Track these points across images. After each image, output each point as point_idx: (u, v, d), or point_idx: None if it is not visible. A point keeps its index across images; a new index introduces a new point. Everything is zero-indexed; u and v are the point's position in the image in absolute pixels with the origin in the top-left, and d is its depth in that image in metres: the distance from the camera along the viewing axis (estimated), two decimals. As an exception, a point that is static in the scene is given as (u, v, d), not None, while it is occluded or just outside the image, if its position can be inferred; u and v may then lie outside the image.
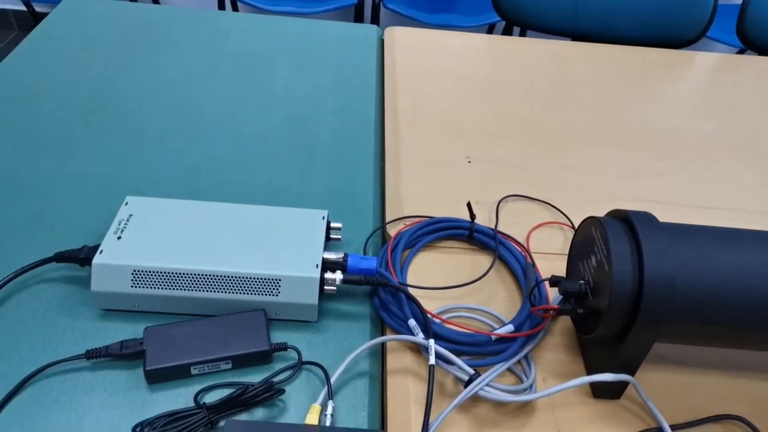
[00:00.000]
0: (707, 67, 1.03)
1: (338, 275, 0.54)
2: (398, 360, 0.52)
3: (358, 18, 2.01)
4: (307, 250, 0.55)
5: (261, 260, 0.54)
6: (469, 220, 0.63)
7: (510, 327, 0.52)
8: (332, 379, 0.49)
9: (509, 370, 0.51)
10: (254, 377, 0.50)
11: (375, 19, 2.05)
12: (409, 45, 1.00)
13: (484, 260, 0.63)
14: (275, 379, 0.50)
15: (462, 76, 0.93)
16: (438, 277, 0.60)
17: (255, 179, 0.69)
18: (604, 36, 1.24)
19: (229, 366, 0.50)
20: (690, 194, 0.74)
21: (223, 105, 0.81)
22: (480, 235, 0.63)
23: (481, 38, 1.05)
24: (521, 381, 0.51)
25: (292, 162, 0.72)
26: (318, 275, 0.53)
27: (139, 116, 0.77)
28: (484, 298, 0.59)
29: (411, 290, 0.58)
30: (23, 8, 2.24)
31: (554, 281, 0.51)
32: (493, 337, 0.51)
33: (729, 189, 0.75)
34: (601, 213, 0.69)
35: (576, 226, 0.66)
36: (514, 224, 0.67)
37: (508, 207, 0.69)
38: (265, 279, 0.53)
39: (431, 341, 0.49)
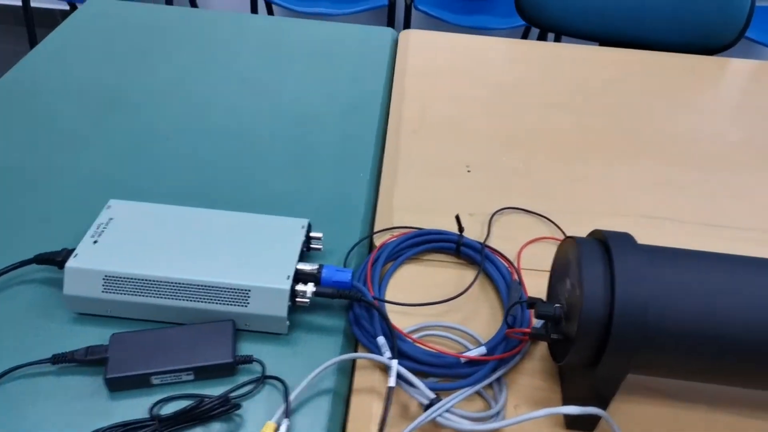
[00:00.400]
0: (740, 74, 0.97)
1: (310, 287, 0.53)
2: (366, 379, 0.51)
3: (390, 20, 1.99)
4: (281, 261, 0.54)
5: (232, 269, 0.53)
6: (457, 233, 0.61)
7: (482, 349, 0.50)
8: (292, 396, 0.47)
9: (479, 394, 0.49)
10: (216, 390, 0.49)
11: (407, 21, 2.03)
12: (424, 48, 0.98)
13: (469, 275, 0.60)
14: (236, 393, 0.49)
15: (476, 81, 0.90)
16: (420, 291, 0.58)
17: (252, 182, 0.69)
18: (635, 41, 1.19)
19: (191, 377, 0.49)
20: (704, 211, 0.69)
21: (233, 107, 0.80)
22: (467, 249, 0.61)
23: (502, 42, 1.02)
24: (490, 407, 0.48)
25: (290, 166, 0.71)
26: (288, 287, 0.52)
27: (149, 117, 0.78)
28: (465, 316, 0.56)
29: (387, 306, 0.56)
30: (67, 8, 2.32)
31: (530, 303, 0.48)
32: (462, 360, 0.49)
33: (749, 206, 0.71)
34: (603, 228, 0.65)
35: (571, 243, 0.62)
36: (507, 239, 0.64)
37: (503, 220, 0.67)
38: (233, 289, 0.52)
39: (394, 361, 0.47)
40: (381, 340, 0.50)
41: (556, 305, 0.47)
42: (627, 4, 1.17)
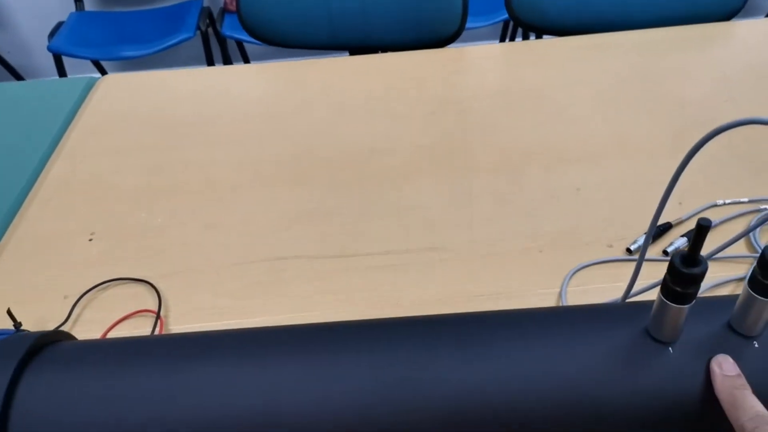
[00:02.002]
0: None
1: None
2: None
3: (208, 54, 1.88)
4: None
5: None
6: (13, 328, 0.52)
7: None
8: None
9: None
10: None
11: (224, 53, 1.93)
12: (117, 94, 0.88)
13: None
14: None
15: (157, 123, 0.81)
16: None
17: None
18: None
19: None
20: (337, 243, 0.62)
21: None
22: (25, 346, 0.51)
23: (194, 73, 0.93)
24: None
25: None
26: None
27: None
28: None
29: None
30: None
31: None
32: None
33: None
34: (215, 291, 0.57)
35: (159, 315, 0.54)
36: (94, 321, 0.55)
37: (104, 296, 0.58)
38: None
39: None
40: None
41: None
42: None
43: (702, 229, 0.27)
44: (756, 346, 0.31)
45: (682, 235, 0.59)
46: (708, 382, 0.31)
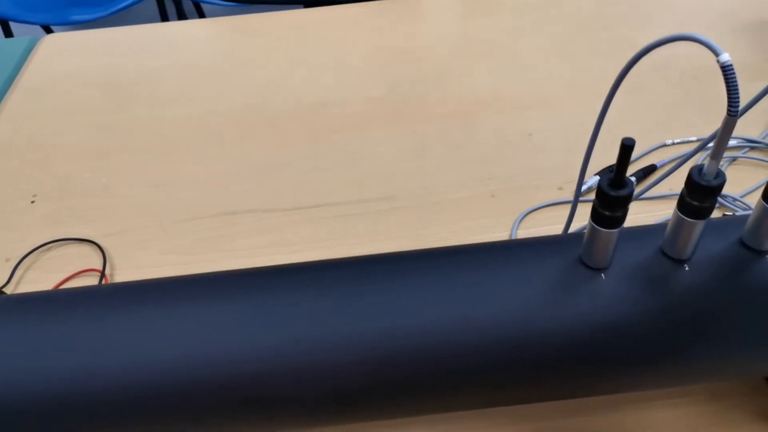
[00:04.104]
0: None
1: None
2: None
3: (162, 11, 1.82)
4: None
5: None
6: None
7: None
8: None
9: None
10: None
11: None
12: (65, 54, 0.85)
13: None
14: None
15: (102, 82, 0.78)
16: None
17: None
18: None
19: None
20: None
21: None
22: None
23: (139, 29, 0.90)
24: None
25: None
26: None
27: None
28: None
29: None
30: None
31: None
32: None
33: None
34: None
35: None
36: (38, 282, 0.54)
37: (47, 257, 0.56)
38: None
39: None
40: None
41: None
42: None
43: (625, 148, 0.27)
44: (686, 269, 0.32)
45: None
46: (639, 306, 0.31)
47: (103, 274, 0.53)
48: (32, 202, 0.62)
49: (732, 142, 0.61)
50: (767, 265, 0.32)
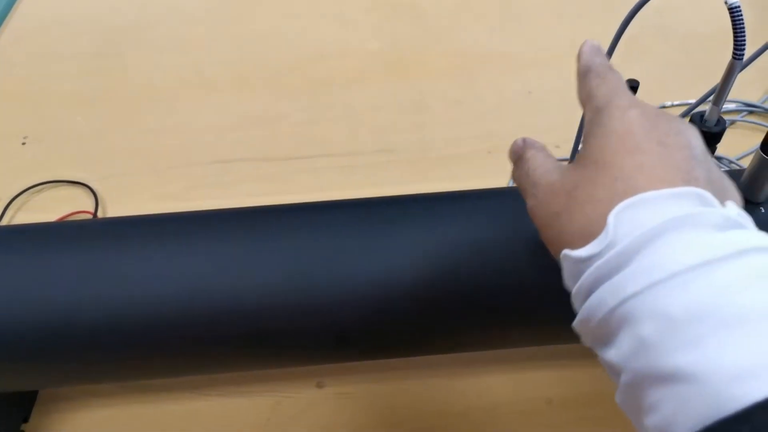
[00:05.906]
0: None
1: None
2: None
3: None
4: None
5: None
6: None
7: None
8: None
9: None
10: None
11: None
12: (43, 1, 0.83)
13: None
14: None
15: (94, 27, 0.76)
16: None
17: None
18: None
19: None
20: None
21: None
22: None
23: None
24: None
25: None
26: None
27: None
28: None
29: None
30: None
31: None
32: None
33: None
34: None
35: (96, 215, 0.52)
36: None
37: (39, 198, 0.56)
38: None
39: None
40: None
41: None
42: None
43: (630, 90, 0.27)
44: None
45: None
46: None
47: (95, 216, 0.53)
48: (23, 143, 0.61)
49: (731, 106, 0.61)
50: (763, 217, 0.32)
